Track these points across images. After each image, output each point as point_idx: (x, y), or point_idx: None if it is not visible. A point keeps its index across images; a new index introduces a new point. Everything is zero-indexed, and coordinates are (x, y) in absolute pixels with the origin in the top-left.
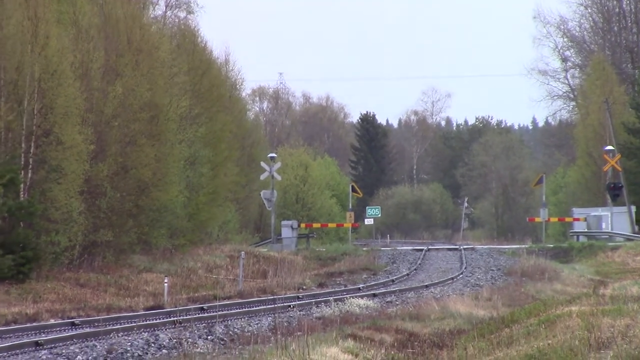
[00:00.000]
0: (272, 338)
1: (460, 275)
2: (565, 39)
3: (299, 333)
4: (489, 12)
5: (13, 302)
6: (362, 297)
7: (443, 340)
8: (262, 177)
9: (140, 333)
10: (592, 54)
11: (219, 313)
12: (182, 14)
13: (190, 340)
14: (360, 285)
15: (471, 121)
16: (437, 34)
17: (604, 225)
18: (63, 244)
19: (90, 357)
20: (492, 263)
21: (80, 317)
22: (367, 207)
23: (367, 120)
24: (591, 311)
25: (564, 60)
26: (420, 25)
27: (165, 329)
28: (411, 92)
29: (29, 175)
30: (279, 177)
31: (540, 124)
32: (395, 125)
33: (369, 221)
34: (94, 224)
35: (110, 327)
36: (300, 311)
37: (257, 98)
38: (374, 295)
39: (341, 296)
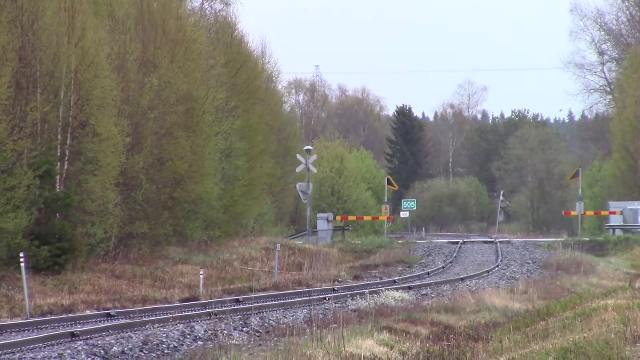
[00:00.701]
0: (308, 330)
1: (496, 269)
2: (603, 33)
3: (334, 325)
4: (526, 5)
5: (49, 293)
6: (397, 289)
7: (479, 333)
8: (298, 169)
9: (176, 325)
10: (630, 47)
11: (255, 305)
12: (219, 6)
13: (225, 332)
14: (396, 278)
15: (507, 115)
16: (474, 27)
17: None
18: (99, 235)
19: (126, 349)
20: (528, 256)
21: (116, 308)
22: (402, 200)
23: (404, 114)
24: (627, 305)
25: (601, 53)
26: (457, 18)
27: (201, 321)
28: (447, 85)
29: (65, 167)
30: (314, 170)
31: (577, 117)
32: (432, 118)
33: (404, 214)
34: (130, 216)
35: (146, 319)
36: (335, 304)
37: (294, 91)
38: (410, 288)
39: (377, 289)
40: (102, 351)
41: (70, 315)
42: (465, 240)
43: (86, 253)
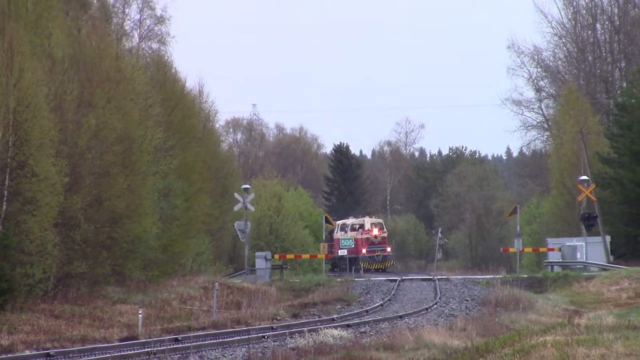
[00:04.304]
0: None
1: (435, 306)
2: (540, 69)
3: None
4: (463, 42)
5: None
6: (336, 327)
7: None
8: (236, 208)
9: None
10: (566, 83)
11: (193, 344)
12: (155, 45)
13: None
14: (334, 316)
15: (445, 152)
16: (411, 64)
17: (578, 255)
18: (37, 275)
19: None
20: (467, 293)
21: (55, 348)
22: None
23: (341, 151)
24: (566, 341)
25: (538, 90)
26: (394, 55)
27: None
28: (385, 123)
29: (4, 207)
30: (252, 209)
31: (515, 154)
32: (369, 156)
33: (342, 252)
34: (68, 256)
35: (85, 358)
36: (274, 342)
37: (231, 129)
38: (348, 325)
39: (315, 327)
40: None
41: (9, 356)
42: (403, 277)
43: (25, 293)
